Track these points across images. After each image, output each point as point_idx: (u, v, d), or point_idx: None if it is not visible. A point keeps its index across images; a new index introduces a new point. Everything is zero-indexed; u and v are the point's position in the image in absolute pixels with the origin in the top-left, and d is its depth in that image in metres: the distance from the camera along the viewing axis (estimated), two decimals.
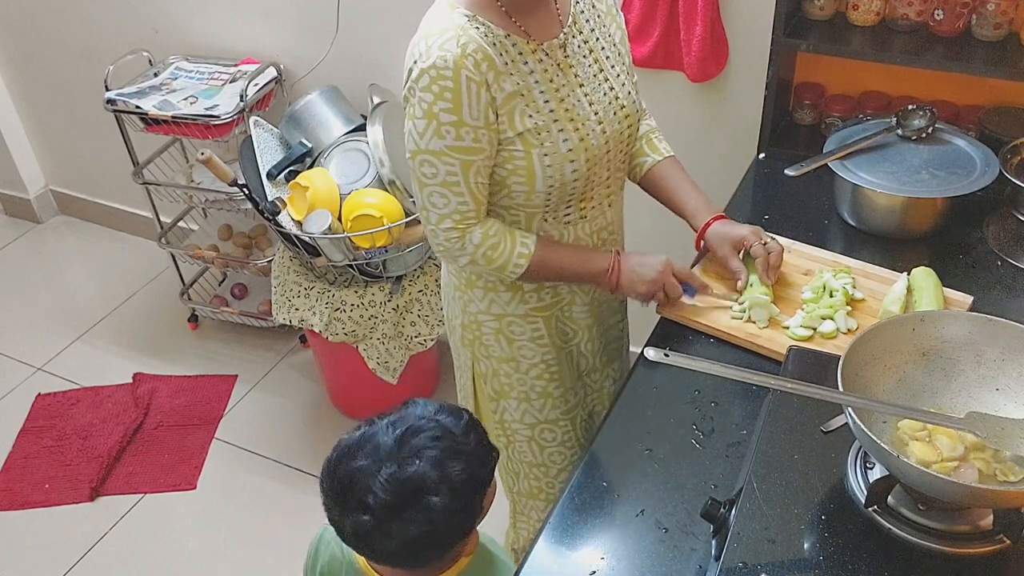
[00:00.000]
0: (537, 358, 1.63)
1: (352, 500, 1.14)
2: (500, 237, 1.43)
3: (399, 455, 1.14)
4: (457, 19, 1.32)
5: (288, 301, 2.47)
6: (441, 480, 1.14)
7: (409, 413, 1.20)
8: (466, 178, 1.36)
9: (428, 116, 1.32)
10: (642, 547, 1.19)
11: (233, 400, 2.86)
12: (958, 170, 1.69)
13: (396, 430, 1.17)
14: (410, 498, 1.13)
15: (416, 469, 1.13)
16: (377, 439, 1.17)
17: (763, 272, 1.52)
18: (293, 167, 2.41)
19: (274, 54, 2.71)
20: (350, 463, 1.16)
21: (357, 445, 1.18)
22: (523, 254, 1.44)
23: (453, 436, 1.18)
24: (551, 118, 1.38)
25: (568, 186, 1.43)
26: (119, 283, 3.37)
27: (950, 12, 1.78)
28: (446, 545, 1.21)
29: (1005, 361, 1.10)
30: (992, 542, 1.00)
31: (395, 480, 1.13)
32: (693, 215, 1.59)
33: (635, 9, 2.06)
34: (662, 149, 1.65)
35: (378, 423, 1.19)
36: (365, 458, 1.15)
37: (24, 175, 3.61)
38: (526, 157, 1.37)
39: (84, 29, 3.02)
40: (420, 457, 1.14)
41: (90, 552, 2.43)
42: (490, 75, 1.31)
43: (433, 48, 1.30)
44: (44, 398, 2.88)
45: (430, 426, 1.17)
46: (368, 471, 1.14)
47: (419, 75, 1.31)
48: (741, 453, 1.30)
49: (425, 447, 1.15)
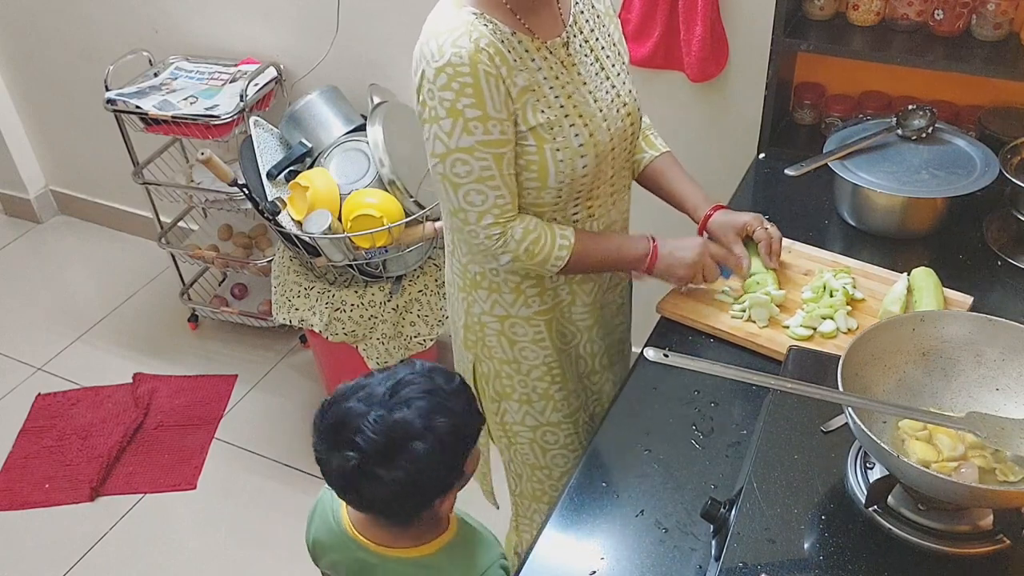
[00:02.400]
0: (538, 360, 1.63)
1: (340, 439, 1.20)
2: (540, 231, 1.43)
3: (389, 401, 1.21)
4: (465, 16, 1.32)
5: (288, 301, 2.47)
6: (426, 429, 1.19)
7: (404, 368, 1.28)
8: (500, 171, 1.36)
9: (452, 114, 1.31)
10: (642, 547, 1.19)
11: (233, 400, 2.86)
12: (958, 170, 1.69)
13: (390, 381, 1.24)
14: (396, 441, 1.18)
15: (404, 415, 1.19)
16: (371, 387, 1.24)
17: (766, 256, 1.56)
18: (293, 167, 2.41)
19: (274, 54, 2.71)
20: (342, 404, 1.23)
21: (352, 391, 1.25)
22: (564, 246, 1.44)
23: (443, 392, 1.24)
24: (562, 113, 1.39)
25: (578, 182, 1.43)
26: (119, 283, 3.37)
27: (950, 12, 1.78)
28: (426, 497, 1.25)
29: (1005, 361, 1.10)
30: (992, 542, 1.00)
31: (383, 422, 1.19)
32: (694, 208, 1.61)
33: (635, 9, 2.06)
34: (659, 145, 1.67)
35: (375, 375, 1.27)
36: (357, 401, 1.22)
37: (24, 175, 3.61)
38: (538, 152, 1.38)
39: (84, 29, 3.02)
40: (408, 405, 1.21)
41: (90, 552, 2.43)
42: (503, 69, 1.32)
43: (445, 46, 1.29)
44: (44, 398, 2.88)
45: (420, 380, 1.25)
46: (358, 412, 1.20)
47: (435, 75, 1.30)
48: (741, 453, 1.30)
49: (415, 398, 1.22)
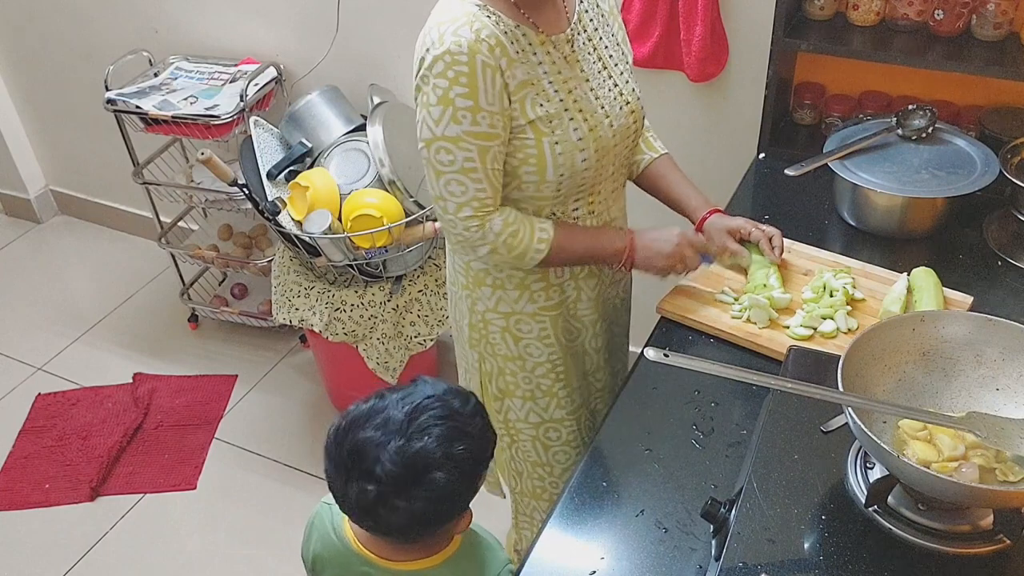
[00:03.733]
0: (543, 357, 1.63)
1: (358, 469, 1.17)
2: (519, 224, 1.43)
3: (408, 430, 1.17)
4: (468, 7, 1.33)
5: (288, 301, 2.47)
6: (446, 458, 1.17)
7: (419, 391, 1.23)
8: (483, 164, 1.36)
9: (444, 102, 1.31)
10: (642, 547, 1.19)
11: (233, 400, 2.86)
12: (958, 170, 1.69)
13: (406, 406, 1.19)
14: (416, 473, 1.16)
15: (424, 445, 1.16)
16: (388, 413, 1.19)
17: (768, 250, 1.57)
18: (293, 167, 2.41)
19: (274, 54, 2.71)
20: (359, 433, 1.18)
21: (367, 416, 1.20)
22: (543, 239, 1.44)
23: (460, 416, 1.21)
24: (561, 107, 1.39)
25: (578, 176, 1.43)
26: (119, 283, 3.37)
27: (950, 12, 1.78)
28: (444, 521, 1.24)
29: (1005, 361, 1.10)
30: (992, 542, 1.00)
31: (403, 453, 1.15)
32: (694, 210, 1.62)
33: (635, 9, 2.06)
34: (657, 147, 1.67)
35: (388, 397, 1.22)
36: (375, 430, 1.17)
37: (24, 175, 3.61)
38: (537, 145, 1.38)
39: (84, 29, 3.02)
40: (428, 434, 1.17)
41: (90, 552, 2.43)
42: (503, 61, 1.32)
43: (446, 35, 1.30)
44: (44, 398, 2.88)
45: (437, 405, 1.20)
46: (377, 442, 1.16)
47: (433, 62, 1.30)
48: (741, 453, 1.30)
49: (433, 425, 1.18)
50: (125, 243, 3.58)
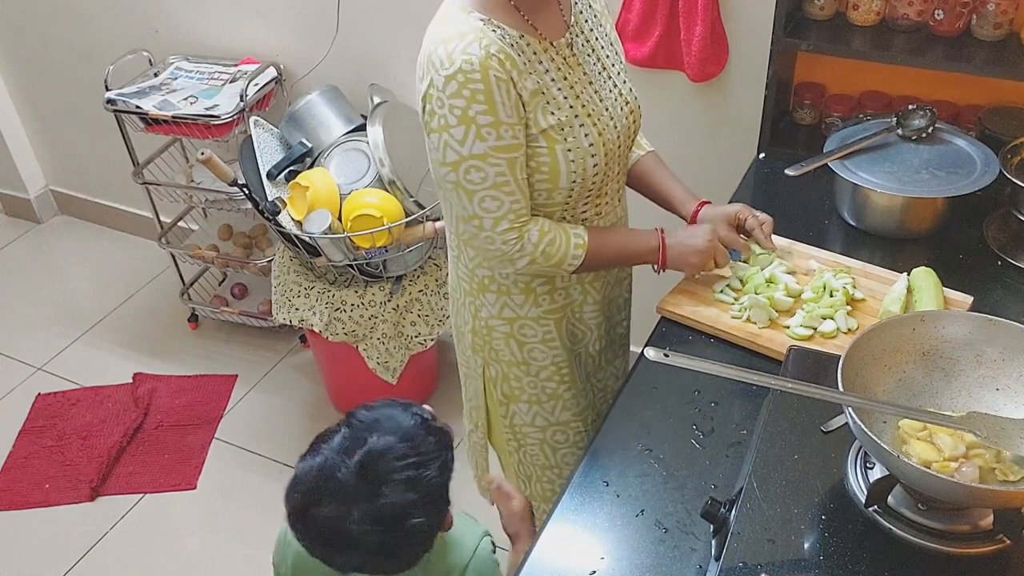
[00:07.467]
0: (548, 360, 1.63)
1: (335, 546, 1.16)
2: (555, 232, 1.43)
3: (367, 490, 1.12)
4: (473, 23, 1.32)
5: (288, 301, 2.47)
6: (417, 498, 1.14)
7: (359, 435, 1.14)
8: (514, 176, 1.36)
9: (464, 122, 1.30)
10: (642, 547, 1.19)
11: (233, 400, 2.86)
12: (958, 170, 1.69)
13: (353, 460, 1.12)
14: (392, 525, 1.14)
15: (388, 500, 1.12)
16: (337, 477, 1.12)
17: (764, 240, 1.59)
18: (293, 167, 2.41)
19: (274, 54, 2.71)
20: (318, 512, 1.13)
21: (317, 488, 1.14)
22: (579, 245, 1.44)
23: (412, 441, 1.16)
24: (572, 114, 1.39)
25: (588, 181, 1.44)
26: (119, 283, 3.37)
27: (950, 12, 1.78)
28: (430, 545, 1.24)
29: (1005, 361, 1.10)
30: (992, 542, 1.00)
31: (371, 517, 1.13)
32: (682, 204, 1.63)
33: (635, 9, 2.06)
34: (644, 144, 1.69)
35: (329, 454, 1.14)
36: (331, 503, 1.12)
37: (24, 175, 3.61)
38: (550, 153, 1.38)
39: (84, 29, 3.02)
40: (387, 483, 1.12)
41: (90, 552, 2.43)
42: (514, 73, 1.32)
43: (455, 53, 1.29)
44: (44, 398, 2.88)
45: (382, 445, 1.13)
46: (340, 516, 1.12)
47: (445, 83, 1.29)
48: (741, 453, 1.30)
49: (391, 471, 1.13)
50: (125, 243, 3.58)
